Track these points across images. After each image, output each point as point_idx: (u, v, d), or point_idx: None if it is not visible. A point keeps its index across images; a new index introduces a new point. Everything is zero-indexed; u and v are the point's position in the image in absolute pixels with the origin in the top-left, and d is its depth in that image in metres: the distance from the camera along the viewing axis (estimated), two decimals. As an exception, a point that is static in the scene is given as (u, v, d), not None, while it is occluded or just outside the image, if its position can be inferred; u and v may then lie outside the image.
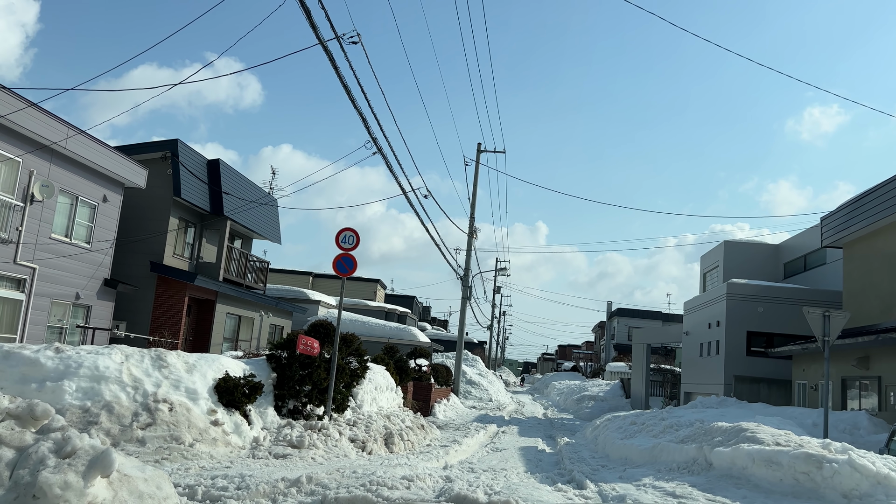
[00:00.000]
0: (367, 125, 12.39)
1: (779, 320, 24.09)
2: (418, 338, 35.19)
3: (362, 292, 49.12)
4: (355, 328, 35.18)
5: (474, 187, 34.58)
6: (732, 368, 23.80)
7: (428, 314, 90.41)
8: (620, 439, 13.23)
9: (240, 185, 27.68)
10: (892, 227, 18.24)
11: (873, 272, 18.98)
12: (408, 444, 12.87)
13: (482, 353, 73.12)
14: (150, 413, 8.89)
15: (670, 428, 12.28)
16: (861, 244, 19.75)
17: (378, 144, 13.37)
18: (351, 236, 12.21)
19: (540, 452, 15.29)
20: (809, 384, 19.80)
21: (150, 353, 9.92)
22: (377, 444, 11.35)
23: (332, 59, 10.55)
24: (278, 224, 31.67)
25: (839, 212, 20.48)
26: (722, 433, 9.45)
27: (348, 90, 11.11)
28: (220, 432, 9.39)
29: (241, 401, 9.98)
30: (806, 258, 28.28)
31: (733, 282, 25.02)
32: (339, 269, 12.19)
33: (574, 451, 14.20)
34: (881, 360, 15.95)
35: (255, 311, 28.81)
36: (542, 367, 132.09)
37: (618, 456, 12.39)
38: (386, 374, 16.72)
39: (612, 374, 54.51)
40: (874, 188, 18.76)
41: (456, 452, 13.66)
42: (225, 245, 26.45)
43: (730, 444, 8.70)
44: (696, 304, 29.29)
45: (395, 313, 43.87)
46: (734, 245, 31.79)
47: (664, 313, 69.38)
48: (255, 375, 10.40)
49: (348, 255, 12.21)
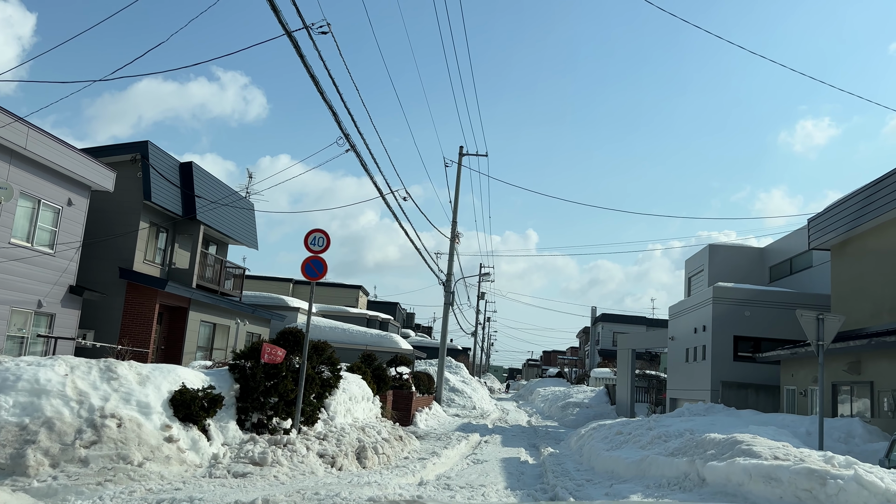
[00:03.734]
0: (338, 120, 11.72)
1: (766, 324, 23.64)
2: (400, 345, 34.46)
3: (343, 299, 48.29)
4: (335, 335, 34.39)
5: (456, 191, 34.01)
6: (719, 374, 23.30)
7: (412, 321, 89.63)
8: (606, 450, 12.60)
9: (214, 189, 26.87)
10: (881, 228, 17.82)
11: (862, 274, 18.55)
12: (383, 458, 12.17)
13: (466, 359, 72.44)
14: (96, 430, 8.14)
15: (658, 439, 11.66)
16: (850, 246, 19.33)
17: (351, 141, 12.69)
18: (321, 238, 11.52)
19: (523, 464, 14.64)
20: (798, 390, 19.32)
21: (99, 365, 9.18)
22: (348, 459, 10.64)
23: (297, 47, 9.88)
24: (255, 229, 30.86)
25: (827, 213, 20.07)
26: (715, 446, 8.84)
27: (316, 81, 10.43)
28: (174, 449, 8.65)
29: (199, 415, 9.25)
30: (792, 261, 27.91)
31: (720, 285, 24.56)
32: (307, 272, 11.49)
33: (558, 463, 13.56)
34: (873, 365, 15.47)
35: (230, 319, 27.96)
36: (527, 373, 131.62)
37: (604, 469, 11.76)
38: (362, 384, 16.01)
39: (597, 380, 54.03)
40: (862, 188, 18.36)
41: (434, 466, 12.97)
42: (198, 250, 25.62)
43: (724, 458, 8.09)
44: (681, 308, 28.82)
45: (377, 320, 43.12)
46: (719, 248, 31.40)
47: (649, 318, 69.11)
48: (214, 387, 9.67)
49: (318, 258, 11.51)
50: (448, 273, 35.10)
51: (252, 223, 30.70)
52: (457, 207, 34.46)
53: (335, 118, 11.55)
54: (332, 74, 11.08)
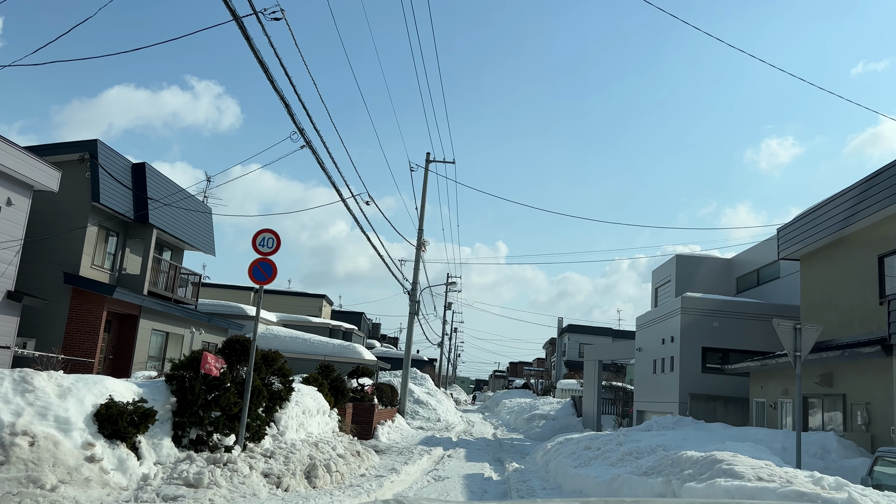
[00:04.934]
0: (290, 112, 10.90)
1: (734, 335, 23.31)
2: (363, 355, 33.53)
3: (306, 308, 47.13)
4: (295, 346, 33.35)
5: (423, 197, 33.31)
6: (687, 386, 22.87)
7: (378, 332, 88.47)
8: (574, 467, 11.93)
9: (169, 192, 25.77)
10: (850, 238, 17.56)
11: (832, 285, 18.26)
12: (336, 477, 11.33)
13: (432, 370, 71.55)
14: (4, 449, 7.21)
15: (629, 455, 11.02)
16: (819, 256, 19.06)
17: (306, 137, 11.89)
18: (271, 239, 10.68)
19: (486, 481, 13.90)
20: (768, 402, 18.92)
21: (13, 375, 8.22)
22: (296, 479, 9.79)
23: (243, 29, 9.08)
24: (212, 234, 29.75)
25: (796, 223, 19.80)
26: (692, 465, 8.21)
27: (265, 67, 9.62)
28: (96, 470, 7.74)
29: (127, 431, 8.34)
30: (759, 272, 27.73)
31: (688, 295, 24.19)
32: (255, 276, 10.63)
33: (523, 480, 12.85)
34: (845, 377, 15.09)
35: (184, 328, 26.81)
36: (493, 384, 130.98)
37: (571, 488, 11.06)
38: (318, 396, 15.13)
39: (564, 391, 53.58)
40: (831, 198, 18.10)
41: (392, 484, 12.17)
42: (150, 255, 24.48)
43: (703, 479, 7.46)
44: (648, 319, 28.44)
45: (340, 330, 42.10)
46: (686, 259, 31.15)
47: (615, 330, 69.03)
48: (146, 400, 8.77)
49: (267, 260, 10.66)
50: (413, 282, 34.32)
51: (209, 228, 29.59)
52: (423, 214, 33.78)
53: (287, 110, 10.75)
54: (284, 64, 10.32)
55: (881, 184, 15.49)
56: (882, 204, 15.33)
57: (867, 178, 16.26)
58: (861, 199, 16.34)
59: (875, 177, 15.84)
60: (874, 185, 15.80)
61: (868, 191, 16.09)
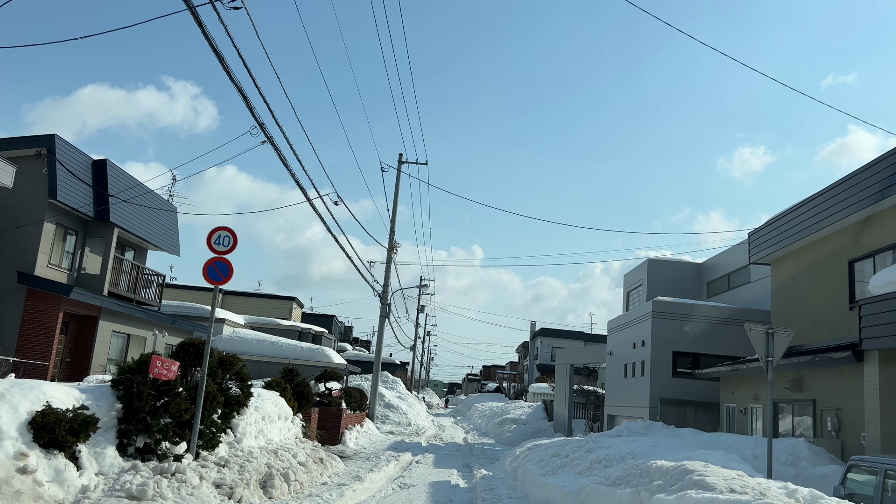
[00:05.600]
0: (249, 105, 10.41)
1: (705, 340, 23.21)
2: (332, 359, 32.97)
3: (276, 311, 46.38)
4: (262, 349, 32.71)
5: (395, 199, 32.88)
6: (658, 390, 22.70)
7: (350, 334, 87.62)
8: (542, 475, 11.58)
9: (132, 190, 25.03)
10: (821, 243, 17.50)
11: (803, 290, 18.19)
12: (295, 486, 10.86)
13: (404, 374, 71.00)
14: (-75, 460, 6.66)
15: (598, 463, 10.71)
16: (790, 260, 18.99)
17: (267, 132, 11.42)
18: (227, 237, 10.18)
19: (453, 489, 13.51)
20: (739, 407, 18.79)
21: (-61, 380, 7.66)
22: (249, 490, 9.31)
23: (197, 18, 8.60)
24: (177, 234, 28.99)
25: (767, 227, 19.72)
26: (662, 475, 7.90)
27: (221, 57, 9.14)
28: (29, 482, 7.21)
29: (66, 440, 7.81)
30: (730, 277, 27.73)
31: (659, 299, 24.05)
32: (210, 276, 10.13)
33: (490, 489, 12.48)
34: (815, 383, 14.96)
35: (147, 330, 26.04)
36: (466, 387, 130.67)
37: (539, 497, 10.71)
38: (279, 401, 14.62)
39: (535, 395, 53.40)
40: (803, 202, 18.04)
41: (354, 493, 11.73)
42: (111, 255, 23.73)
43: (673, 491, 7.15)
44: (620, 322, 28.29)
45: (310, 333, 41.43)
46: (658, 263, 31.08)
47: (587, 333, 69.15)
48: (87, 407, 8.23)
49: (222, 259, 10.17)
50: (385, 284, 33.85)
51: (174, 228, 28.84)
52: (395, 216, 33.31)
53: (246, 103, 10.26)
54: (242, 55, 9.84)
55: (851, 188, 15.42)
56: (853, 209, 15.25)
57: (838, 183, 16.19)
58: (832, 203, 16.26)
59: (845, 181, 15.78)
60: (844, 189, 15.73)
61: (838, 195, 16.01)
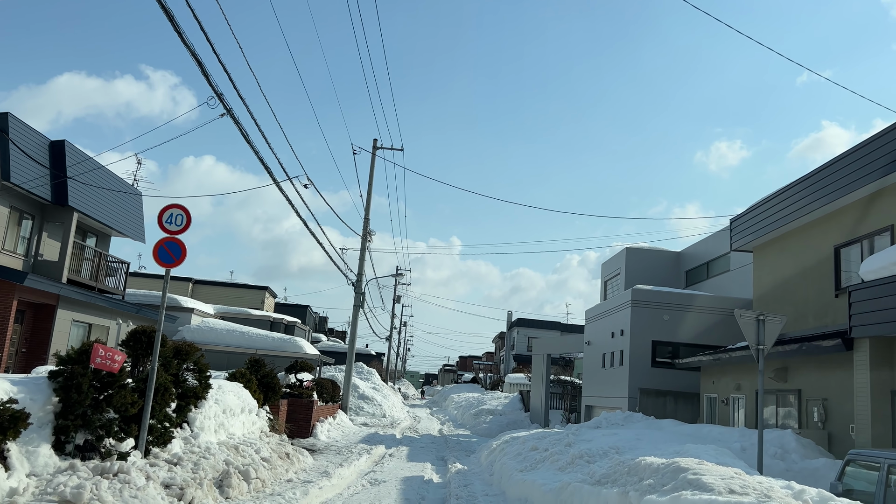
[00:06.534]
0: (205, 72, 9.53)
1: (685, 329, 22.79)
2: (304, 349, 32.12)
3: (247, 300, 45.33)
4: (231, 339, 31.77)
5: (369, 184, 32.04)
6: (637, 381, 22.24)
7: (325, 325, 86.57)
8: (519, 471, 10.95)
9: (93, 173, 23.93)
10: (804, 230, 17.06)
11: (785, 277, 17.77)
12: (256, 484, 10.11)
13: (380, 365, 70.24)
14: None
15: (580, 459, 10.09)
16: (772, 248, 18.56)
17: (226, 104, 10.58)
18: (179, 215, 9.37)
19: (426, 485, 12.85)
20: (720, 398, 18.36)
21: None
22: (203, 490, 8.54)
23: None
24: (143, 220, 27.90)
25: (750, 213, 19.27)
26: (653, 473, 7.27)
27: (171, 17, 8.27)
28: (-54, 487, 6.41)
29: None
30: (709, 265, 27.36)
31: (638, 288, 23.56)
32: (161, 257, 9.31)
33: (464, 485, 11.83)
34: (800, 372, 14.52)
35: (110, 319, 25.01)
36: (443, 378, 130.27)
37: (516, 495, 10.07)
38: (243, 393, 13.83)
39: (512, 385, 52.96)
40: (785, 188, 17.58)
41: (320, 491, 11.01)
42: (71, 241, 22.67)
43: (666, 491, 6.52)
44: (598, 311, 27.81)
45: (282, 323, 40.48)
46: (636, 252, 30.65)
47: (563, 324, 68.89)
48: (17, 401, 7.42)
49: (174, 239, 9.35)
50: (359, 273, 33.05)
51: (139, 213, 27.75)
52: (369, 202, 32.49)
53: (201, 69, 9.38)
54: (197, 16, 8.97)
55: (838, 172, 14.95)
56: (839, 193, 14.79)
57: (824, 167, 15.73)
58: (817, 188, 15.80)
59: (832, 165, 15.31)
60: (831, 173, 15.27)
61: (824, 179, 15.55)
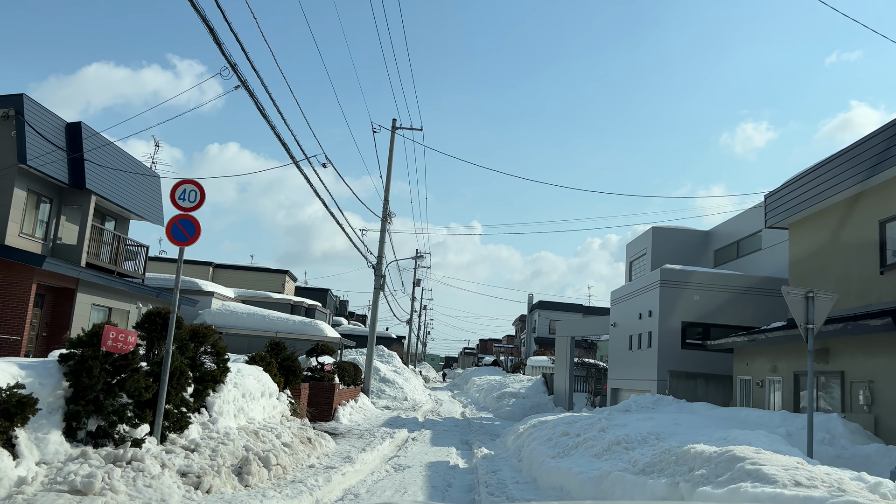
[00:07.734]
0: (217, 40, 9.04)
1: (716, 310, 22.09)
2: (325, 332, 31.86)
3: (268, 284, 45.17)
4: (252, 322, 31.58)
5: (389, 164, 31.47)
6: (666, 363, 21.64)
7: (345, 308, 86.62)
8: (552, 458, 10.47)
9: (111, 156, 23.67)
10: (845, 204, 16.28)
11: (824, 255, 17.01)
12: (276, 471, 9.72)
13: (400, 348, 70.12)
14: None
15: (618, 445, 9.56)
16: (810, 223, 17.79)
17: (240, 75, 10.11)
18: (193, 191, 8.92)
19: (452, 470, 12.42)
20: (754, 380, 17.72)
21: None
22: (221, 478, 8.16)
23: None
24: (161, 203, 27.65)
25: (785, 188, 18.48)
26: (705, 462, 6.72)
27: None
28: (-50, 476, 6.05)
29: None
30: (739, 244, 26.56)
31: (667, 267, 22.88)
32: (174, 236, 8.87)
33: (492, 471, 11.38)
34: (844, 353, 13.86)
35: (130, 303, 24.87)
36: (463, 361, 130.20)
37: (550, 484, 9.59)
38: (263, 377, 13.46)
39: (534, 368, 52.52)
40: (825, 161, 16.78)
41: (343, 477, 10.61)
42: (89, 224, 22.45)
43: (721, 483, 5.99)
44: (624, 293, 27.16)
45: (303, 307, 40.29)
46: (663, 231, 29.88)
47: (585, 306, 68.20)
48: (24, 386, 7.04)
49: (188, 216, 8.90)
50: (379, 255, 32.61)
51: (158, 196, 27.50)
52: (389, 183, 31.96)
53: (213, 37, 8.90)
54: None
55: (884, 143, 14.15)
56: (886, 164, 14.00)
57: (868, 137, 14.92)
58: (861, 160, 15.01)
59: (877, 135, 14.50)
60: (876, 144, 14.47)
61: (868, 150, 14.75)
